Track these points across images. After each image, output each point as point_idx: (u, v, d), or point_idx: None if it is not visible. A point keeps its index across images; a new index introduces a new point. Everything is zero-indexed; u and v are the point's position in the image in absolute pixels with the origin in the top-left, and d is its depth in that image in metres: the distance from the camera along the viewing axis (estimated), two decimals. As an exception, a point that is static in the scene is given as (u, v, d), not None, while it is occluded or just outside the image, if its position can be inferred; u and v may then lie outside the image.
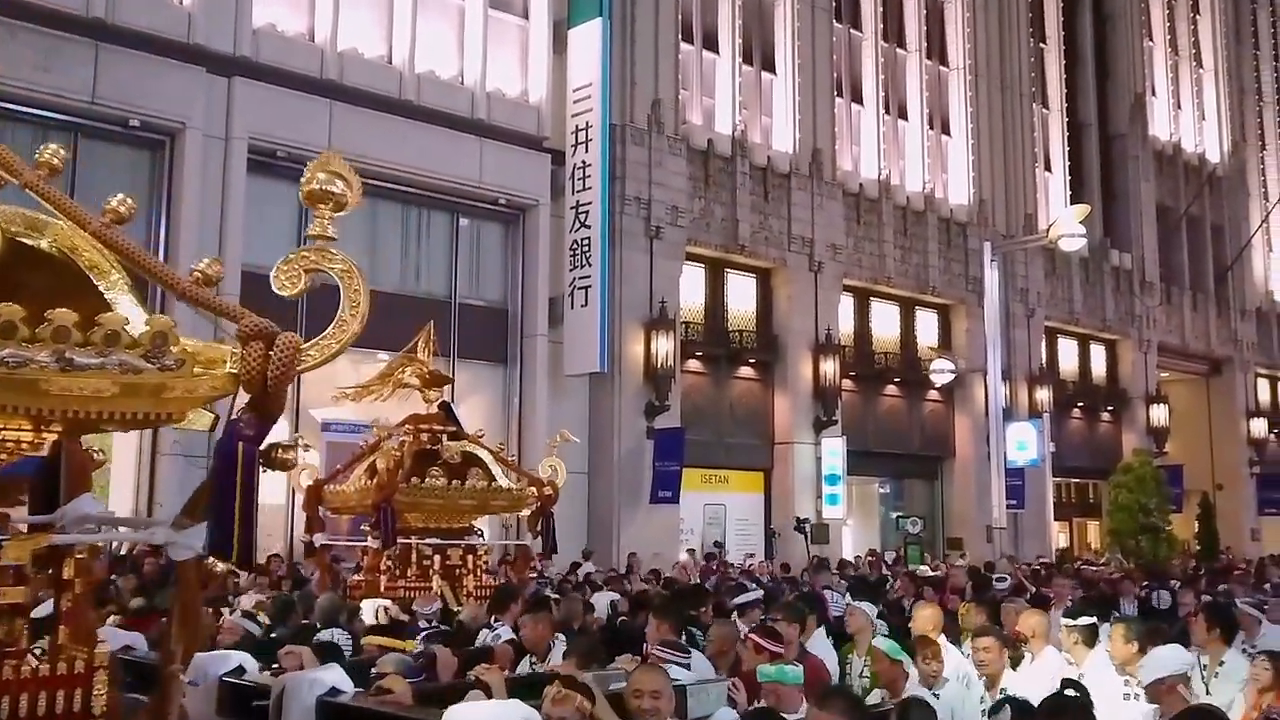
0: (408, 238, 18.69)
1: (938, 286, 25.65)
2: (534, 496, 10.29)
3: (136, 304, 3.66)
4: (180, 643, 3.50)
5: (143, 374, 3.25)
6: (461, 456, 9.95)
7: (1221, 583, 15.40)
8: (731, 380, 22.54)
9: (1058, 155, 29.93)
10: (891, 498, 26.84)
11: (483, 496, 9.93)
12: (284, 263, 3.63)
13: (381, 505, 9.32)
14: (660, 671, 5.03)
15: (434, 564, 9.78)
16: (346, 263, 3.58)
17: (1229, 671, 6.92)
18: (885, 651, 6.39)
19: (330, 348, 3.56)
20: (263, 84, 16.25)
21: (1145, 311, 31.13)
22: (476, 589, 9.82)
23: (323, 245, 3.64)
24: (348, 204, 3.76)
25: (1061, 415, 28.68)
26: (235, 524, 3.24)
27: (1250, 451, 33.94)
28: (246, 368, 3.31)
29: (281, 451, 3.60)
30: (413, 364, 10.54)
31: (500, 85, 19.13)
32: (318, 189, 3.72)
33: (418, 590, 9.52)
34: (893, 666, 6.33)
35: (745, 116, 22.51)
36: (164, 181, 15.65)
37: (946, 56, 27.20)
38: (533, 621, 7.44)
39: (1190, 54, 35.25)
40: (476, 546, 10.27)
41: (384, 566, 9.74)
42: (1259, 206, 36.25)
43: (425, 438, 9.98)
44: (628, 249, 19.93)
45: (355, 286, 3.58)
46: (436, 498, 9.70)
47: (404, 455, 9.68)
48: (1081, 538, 31.00)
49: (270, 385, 3.30)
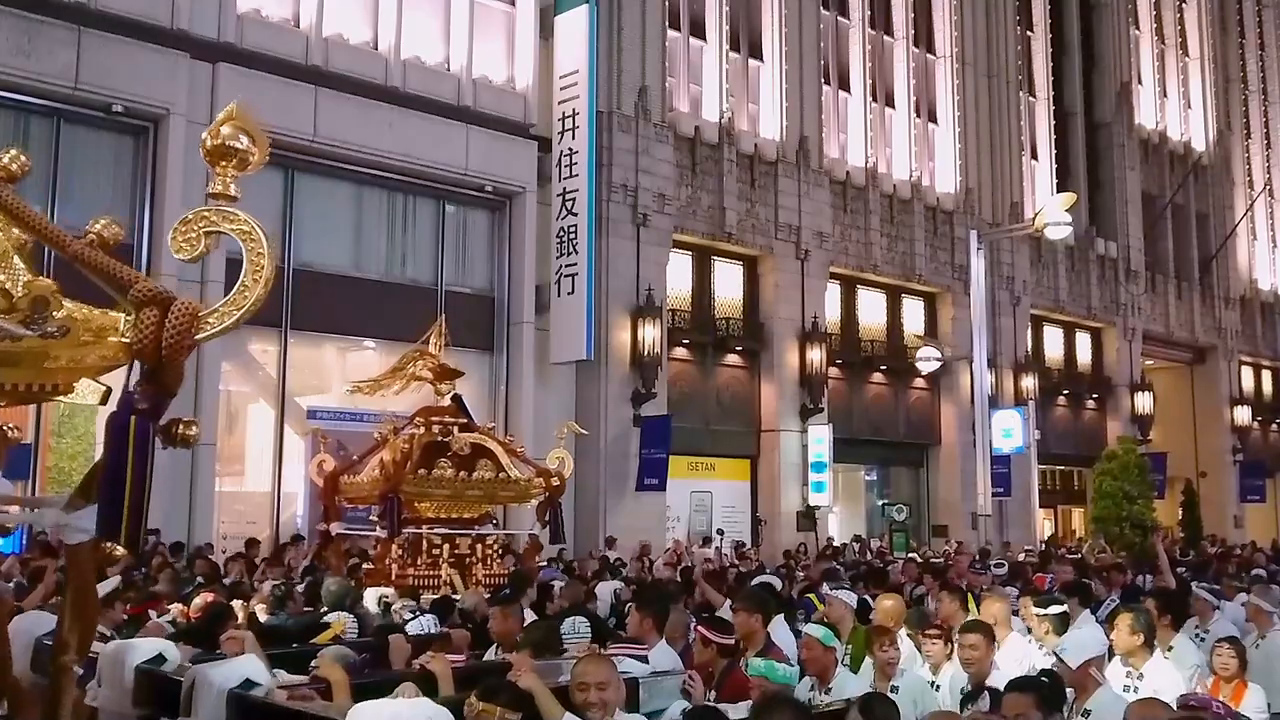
0: (393, 225, 18.63)
1: (924, 274, 25.70)
2: (542, 487, 10.46)
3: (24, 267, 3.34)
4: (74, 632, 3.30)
5: (21, 341, 3.00)
6: (471, 448, 10.10)
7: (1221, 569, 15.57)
8: (718, 368, 22.56)
9: (1044, 143, 29.97)
10: (878, 485, 26.92)
11: (490, 487, 10.10)
12: (181, 224, 3.35)
13: (388, 495, 9.51)
14: (606, 662, 4.85)
15: (443, 553, 9.94)
16: (249, 224, 3.30)
17: (1178, 655, 7.04)
18: (818, 639, 6.19)
19: (231, 315, 3.30)
20: (247, 70, 16.15)
21: (1130, 300, 31.24)
22: (486, 577, 9.99)
23: (224, 205, 3.37)
24: (253, 162, 3.50)
25: (1047, 403, 28.79)
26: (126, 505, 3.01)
27: (1233, 439, 34.14)
28: (139, 335, 3.06)
29: (182, 428, 3.37)
30: (424, 357, 10.70)
31: (486, 72, 19.05)
32: (220, 144, 3.46)
33: (427, 579, 9.68)
34: (825, 653, 6.16)
35: (732, 104, 22.48)
36: (148, 168, 15.56)
37: (934, 44, 27.19)
38: (501, 614, 7.26)
39: (1176, 43, 35.31)
40: (485, 536, 10.42)
41: (394, 555, 9.89)
42: (1243, 195, 36.38)
43: (436, 429, 10.13)
44: (614, 236, 19.91)
45: (259, 250, 3.31)
46: (444, 488, 9.88)
47: (413, 447, 9.81)
48: (1066, 525, 31.15)
49: (165, 354, 3.06)
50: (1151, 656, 6.37)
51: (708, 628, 6.39)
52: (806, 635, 6.32)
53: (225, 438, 16.47)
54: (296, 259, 17.06)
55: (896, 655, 6.46)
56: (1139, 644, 6.43)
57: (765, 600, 7.28)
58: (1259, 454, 35.55)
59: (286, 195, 17.07)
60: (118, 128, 15.50)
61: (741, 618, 6.81)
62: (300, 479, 17.01)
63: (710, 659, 6.26)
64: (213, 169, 3.42)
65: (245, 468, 17.15)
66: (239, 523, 16.43)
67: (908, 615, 7.67)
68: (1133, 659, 6.36)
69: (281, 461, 16.81)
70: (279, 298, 16.72)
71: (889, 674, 6.35)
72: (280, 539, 16.20)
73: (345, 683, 5.20)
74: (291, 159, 16.88)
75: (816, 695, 6.01)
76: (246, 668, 5.09)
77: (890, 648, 6.45)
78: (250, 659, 5.27)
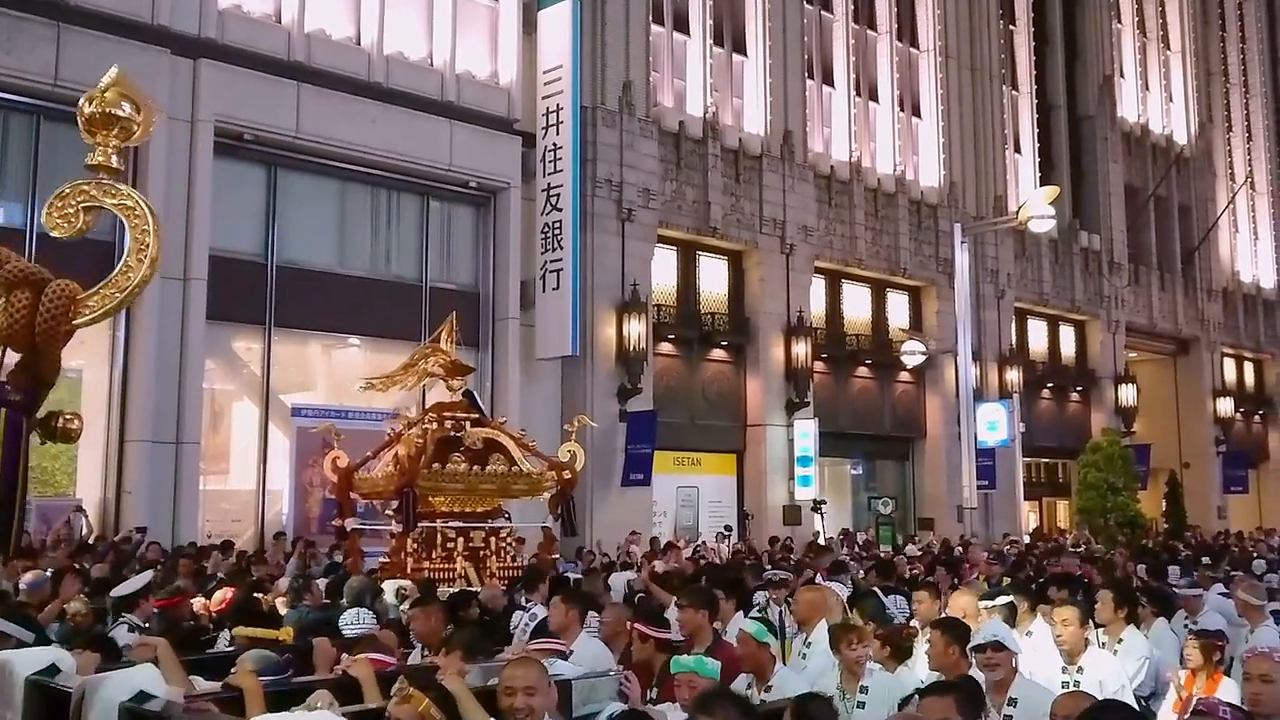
0: (377, 221, 18.57)
1: (909, 268, 25.75)
2: (554, 480, 10.62)
3: None
4: None
5: None
6: (484, 442, 10.31)
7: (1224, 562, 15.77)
8: (703, 362, 22.57)
9: (1027, 137, 30.04)
10: (864, 478, 26.96)
11: (503, 481, 10.29)
12: (57, 198, 3.13)
13: (403, 490, 9.69)
14: (535, 665, 4.54)
15: (458, 546, 10.11)
16: (134, 198, 3.08)
17: (1127, 648, 7.22)
18: (751, 634, 5.89)
19: (113, 298, 3.06)
20: (229, 66, 16.07)
21: (1114, 292, 31.36)
22: (500, 570, 10.17)
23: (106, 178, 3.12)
24: (137, 132, 3.26)
25: (1031, 395, 28.88)
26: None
27: (1216, 430, 34.32)
28: (10, 320, 2.82)
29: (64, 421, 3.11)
30: (437, 354, 10.87)
31: (470, 67, 19.00)
32: (102, 112, 3.24)
33: (442, 571, 9.82)
34: (760, 650, 5.86)
35: (716, 98, 22.47)
36: (129, 166, 15.41)
37: (917, 38, 27.23)
38: (423, 614, 7.04)
39: (1158, 36, 35.45)
40: (499, 529, 10.58)
41: (409, 549, 10.03)
42: (1225, 188, 36.56)
43: (449, 425, 10.33)
44: (599, 232, 19.89)
45: (143, 227, 3.08)
46: (458, 482, 10.07)
47: (427, 442, 9.97)
48: (1051, 517, 31.28)
49: (39, 340, 2.87)
50: (1088, 650, 6.38)
51: (644, 623, 6.21)
52: (740, 631, 6.00)
53: (209, 436, 16.40)
54: (280, 256, 16.99)
55: (865, 654, 6.06)
56: (1083, 636, 6.43)
57: (712, 596, 7.12)
58: (1241, 445, 35.75)
59: (270, 192, 16.99)
60: (99, 125, 15.37)
61: (688, 614, 6.67)
62: (285, 476, 16.99)
63: (649, 656, 6.08)
64: (91, 138, 3.17)
65: (230, 466, 17.08)
66: (224, 521, 16.37)
67: (862, 608, 7.35)
68: (1073, 652, 6.34)
69: (266, 459, 16.75)
70: (263, 295, 16.67)
71: (857, 673, 5.95)
72: (265, 537, 16.16)
73: (259, 692, 4.85)
74: (274, 155, 16.83)
75: (755, 694, 5.76)
76: (139, 678, 4.73)
77: (859, 645, 6.04)
78: (146, 668, 4.91)
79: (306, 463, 17.11)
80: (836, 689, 5.93)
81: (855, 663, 5.95)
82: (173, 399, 15.16)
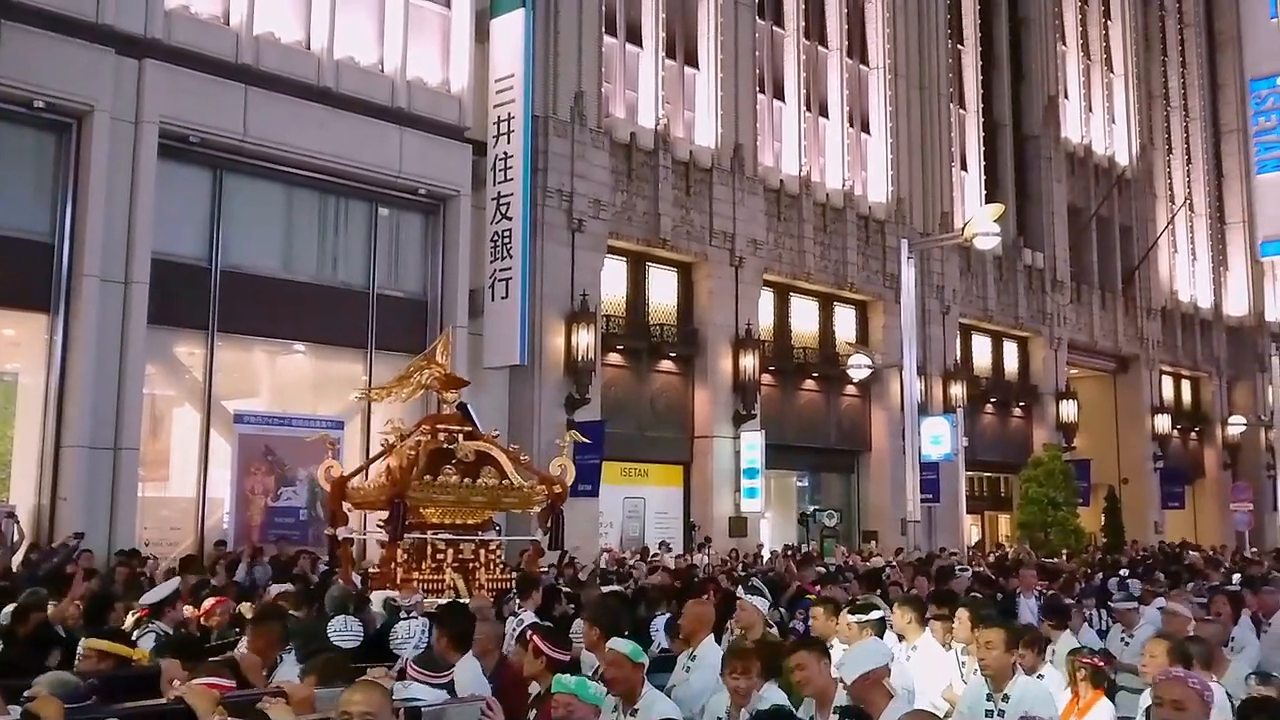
0: (325, 227, 18.39)
1: (856, 283, 25.97)
2: (544, 494, 10.65)
3: None
4: None
5: None
6: (475, 455, 10.32)
7: None
8: (652, 374, 22.59)
9: (973, 155, 30.46)
10: (809, 491, 27.12)
11: (494, 493, 10.35)
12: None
13: (394, 501, 9.73)
14: (376, 689, 4.33)
15: (447, 557, 10.13)
16: None
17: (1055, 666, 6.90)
18: (625, 654, 5.44)
19: None
20: (175, 67, 15.83)
21: (1056, 309, 31.85)
22: (489, 582, 10.20)
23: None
24: None
25: (975, 410, 29.23)
26: None
27: (1154, 446, 34.96)
28: None
29: None
30: (431, 366, 10.90)
31: (421, 74, 18.89)
32: None
33: (432, 583, 9.82)
34: (633, 671, 5.42)
35: (668, 111, 22.55)
36: (71, 166, 15.16)
37: (867, 56, 27.52)
38: (255, 633, 6.72)
39: (1102, 59, 36.14)
40: (488, 541, 10.64)
41: (399, 559, 10.05)
42: (1165, 208, 37.32)
43: (442, 437, 10.34)
44: (549, 241, 19.85)
45: None
46: (449, 494, 10.08)
47: (419, 453, 10.02)
48: (993, 530, 31.66)
49: None
50: (1015, 677, 5.80)
51: (543, 638, 5.83)
52: (611, 651, 5.56)
53: (149, 442, 16.11)
54: (225, 260, 16.75)
55: (747, 685, 5.57)
56: (1009, 662, 5.81)
57: (616, 613, 6.88)
58: (1178, 461, 36.47)
59: (215, 195, 16.75)
60: (39, 124, 15.08)
61: (585, 629, 6.44)
62: (227, 484, 16.73)
63: (538, 673, 5.75)
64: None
65: (170, 473, 16.80)
66: (163, 529, 16.10)
67: None
68: (998, 678, 5.76)
69: (207, 466, 16.50)
70: (206, 300, 16.43)
71: (740, 704, 5.52)
72: (205, 545, 15.91)
73: None
74: (220, 158, 16.61)
75: (620, 717, 5.43)
76: None
77: (741, 676, 5.56)
78: None
79: (249, 470, 16.89)
80: (724, 713, 5.62)
81: (735, 692, 5.57)
82: (111, 404, 14.89)
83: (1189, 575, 16.29)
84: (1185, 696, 4.16)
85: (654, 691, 5.52)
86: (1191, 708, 4.16)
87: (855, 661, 5.07)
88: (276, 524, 16.98)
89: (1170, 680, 4.33)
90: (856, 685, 4.98)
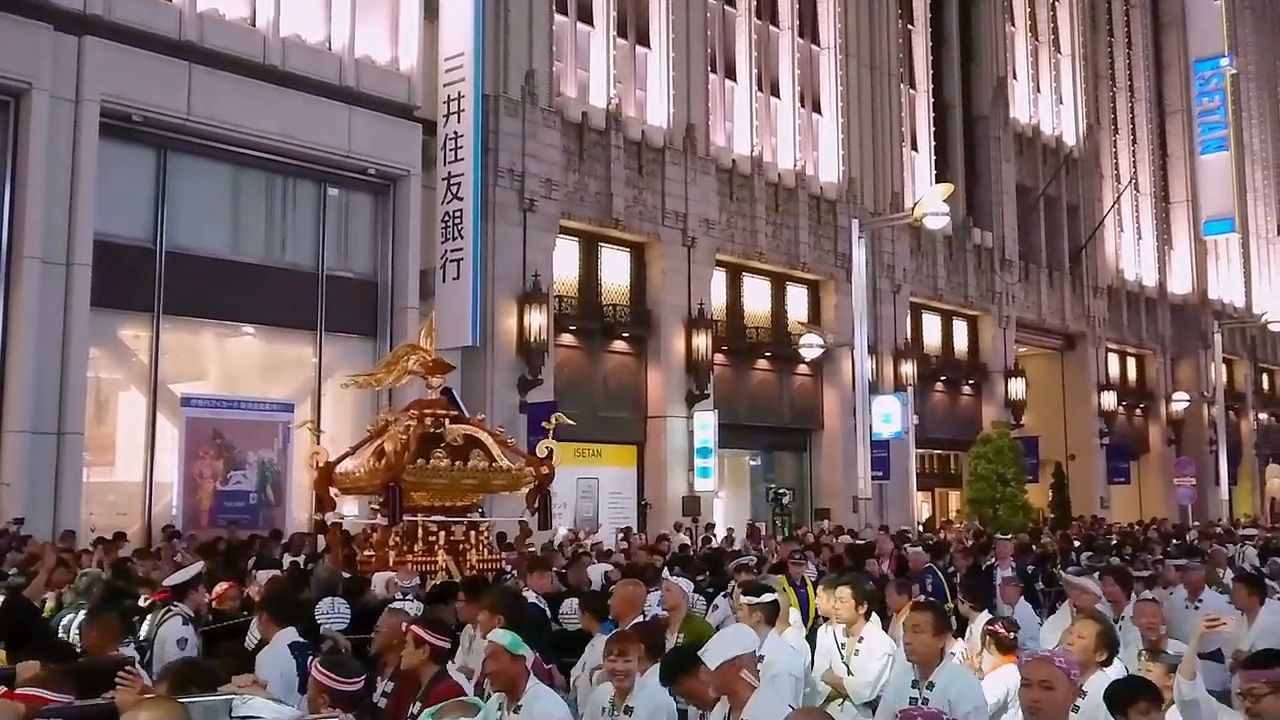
0: (273, 208, 18.16)
1: (808, 262, 26.08)
2: (532, 476, 10.86)
3: None
4: None
5: None
6: (464, 439, 10.50)
7: None
8: (605, 354, 22.58)
9: (924, 135, 30.63)
10: (762, 470, 27.28)
11: (484, 476, 10.53)
12: None
13: (390, 484, 9.92)
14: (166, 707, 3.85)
15: (439, 540, 10.30)
16: None
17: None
18: (504, 646, 5.13)
19: None
20: (116, 44, 15.52)
21: (1005, 288, 32.19)
22: (479, 563, 10.39)
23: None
24: None
25: (925, 388, 29.51)
26: None
27: (1100, 423, 35.49)
28: None
29: None
30: (417, 352, 11.05)
31: (369, 52, 18.67)
32: None
33: (424, 565, 9.95)
34: (513, 663, 5.11)
35: (619, 90, 22.46)
36: (9, 145, 14.85)
37: (818, 35, 27.56)
38: (94, 625, 6.24)
39: (1049, 39, 36.44)
40: (479, 523, 10.85)
41: (392, 542, 10.23)
42: (1111, 188, 37.77)
43: (429, 421, 10.50)
44: (501, 222, 19.74)
45: None
46: (441, 478, 10.26)
47: (410, 438, 10.17)
48: (943, 507, 32.02)
49: None
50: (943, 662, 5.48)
51: (424, 627, 5.58)
52: (490, 643, 5.26)
53: (94, 426, 15.86)
54: (170, 241, 16.49)
55: (626, 668, 5.36)
56: (938, 648, 5.47)
57: (515, 598, 6.71)
58: (1124, 438, 37.07)
59: (159, 175, 16.47)
60: (-25, 102, 14.75)
61: (485, 617, 6.29)
62: (174, 468, 16.53)
63: (419, 664, 5.48)
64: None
65: (115, 457, 16.55)
66: (109, 514, 15.87)
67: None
68: (924, 664, 5.44)
69: (154, 451, 16.28)
70: (151, 281, 16.18)
71: (622, 689, 5.34)
72: (153, 530, 15.71)
73: None
74: (164, 138, 16.34)
75: (505, 715, 5.12)
76: None
77: (619, 658, 5.35)
78: None
79: (196, 454, 16.69)
80: (608, 702, 5.42)
81: (613, 674, 5.37)
82: (54, 388, 14.63)
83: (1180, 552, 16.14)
84: (1052, 676, 4.18)
85: (539, 686, 5.22)
86: (1059, 687, 4.17)
87: (719, 648, 4.87)
88: (226, 508, 16.81)
89: (1038, 660, 4.33)
90: (719, 673, 4.80)
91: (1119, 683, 4.95)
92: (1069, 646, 5.57)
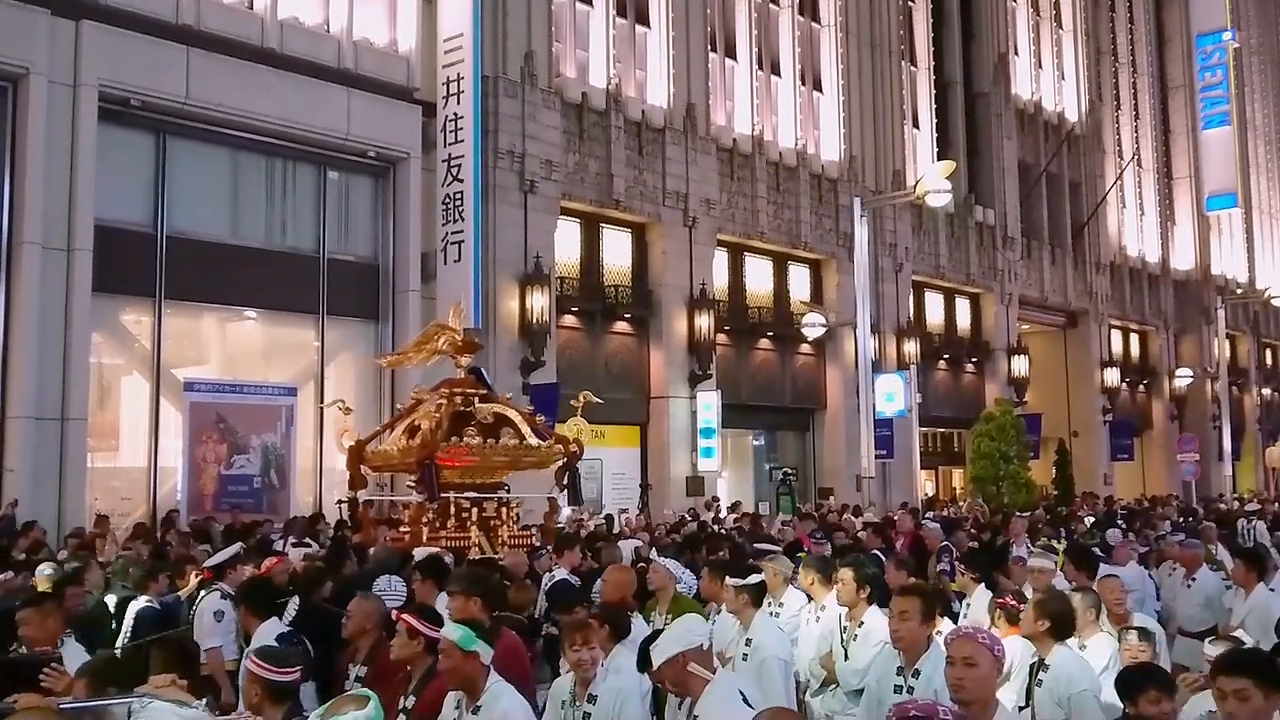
0: (273, 191, 18.10)
1: (809, 242, 26.02)
2: (561, 453, 11.00)
3: None
4: None
5: None
6: (494, 417, 10.64)
7: None
8: (607, 335, 22.56)
9: (925, 113, 30.52)
10: (765, 449, 27.29)
11: (515, 453, 10.68)
12: None
13: (425, 462, 10.02)
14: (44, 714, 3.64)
15: (471, 516, 10.46)
16: None
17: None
18: (454, 642, 4.74)
19: None
20: (114, 28, 15.47)
21: (1007, 266, 32.12)
22: (510, 539, 10.58)
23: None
24: None
25: (928, 367, 29.50)
26: None
27: (1103, 400, 35.48)
28: None
29: None
30: (446, 332, 11.14)
31: (368, 34, 18.59)
32: None
33: (457, 540, 10.12)
34: (465, 660, 4.71)
35: (619, 70, 22.36)
36: (7, 131, 14.81)
37: (818, 13, 27.41)
38: (35, 615, 5.83)
39: (1051, 15, 36.24)
40: (509, 500, 11.05)
41: (425, 519, 10.41)
42: (1113, 164, 37.65)
43: (459, 400, 10.63)
44: (501, 203, 19.69)
45: None
46: (473, 455, 10.41)
47: (442, 416, 10.30)
48: (946, 485, 32.05)
49: None
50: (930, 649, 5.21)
51: (416, 617, 5.35)
52: (442, 638, 4.90)
53: (97, 412, 15.87)
54: (170, 226, 16.46)
55: (590, 657, 5.19)
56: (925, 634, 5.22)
57: (488, 581, 6.37)
58: (1127, 414, 37.07)
59: (158, 160, 16.43)
60: (-27, 88, 14.70)
61: (459, 602, 5.89)
62: (178, 453, 16.55)
63: (412, 655, 5.28)
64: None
65: (119, 443, 16.57)
66: (113, 499, 15.90)
67: None
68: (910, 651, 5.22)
69: (158, 436, 16.30)
70: (152, 266, 16.17)
71: (584, 678, 5.19)
72: (157, 515, 15.75)
73: None
74: (163, 122, 16.29)
75: (464, 716, 4.79)
76: None
77: (582, 647, 5.16)
78: None
79: (200, 438, 16.72)
80: (569, 692, 5.24)
81: (578, 665, 5.17)
82: (57, 374, 14.64)
83: None
84: (975, 653, 4.16)
85: (501, 684, 4.80)
86: (983, 664, 4.15)
87: (663, 645, 4.74)
88: (230, 492, 16.85)
89: (961, 638, 4.30)
90: (666, 669, 4.68)
91: (1129, 671, 4.90)
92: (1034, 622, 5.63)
